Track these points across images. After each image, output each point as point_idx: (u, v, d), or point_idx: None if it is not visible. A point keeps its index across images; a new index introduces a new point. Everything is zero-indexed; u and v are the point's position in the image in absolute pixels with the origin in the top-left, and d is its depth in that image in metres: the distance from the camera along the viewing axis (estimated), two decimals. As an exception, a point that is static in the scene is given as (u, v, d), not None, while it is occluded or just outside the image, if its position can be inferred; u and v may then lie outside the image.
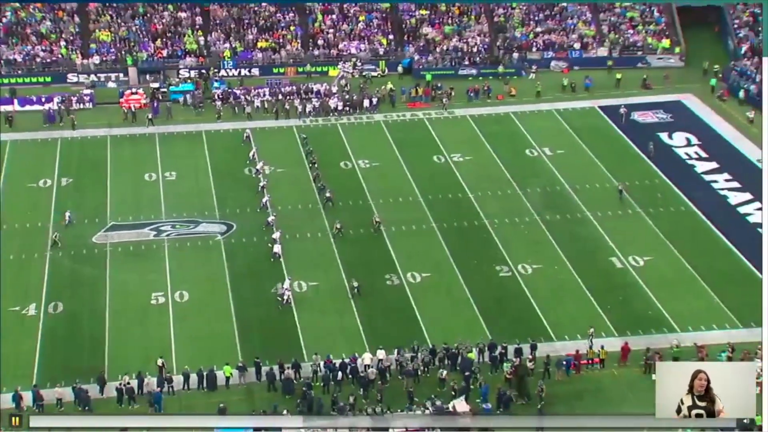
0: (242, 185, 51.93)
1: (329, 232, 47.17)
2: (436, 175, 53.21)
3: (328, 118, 60.19)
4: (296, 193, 51.08)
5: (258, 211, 48.75)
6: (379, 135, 58.19)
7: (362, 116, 60.53)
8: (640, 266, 44.64)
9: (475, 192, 51.12)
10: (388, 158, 55.08)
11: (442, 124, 59.56)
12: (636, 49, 68.20)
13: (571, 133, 58.28)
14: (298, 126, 58.96)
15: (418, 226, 47.97)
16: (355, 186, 51.80)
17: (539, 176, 53.10)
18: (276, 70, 66.48)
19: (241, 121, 59.33)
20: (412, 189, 51.55)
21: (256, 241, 46.54)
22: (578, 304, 42.20)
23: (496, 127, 59.23)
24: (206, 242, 46.60)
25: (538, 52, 68.06)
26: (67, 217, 47.24)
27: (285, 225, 47.53)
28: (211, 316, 41.49)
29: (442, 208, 49.62)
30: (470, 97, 62.81)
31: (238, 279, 43.81)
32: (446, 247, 46.20)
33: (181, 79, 64.53)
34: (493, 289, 43.28)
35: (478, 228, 47.84)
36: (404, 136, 57.89)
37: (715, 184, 51.69)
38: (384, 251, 45.84)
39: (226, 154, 55.35)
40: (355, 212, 48.86)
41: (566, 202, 50.35)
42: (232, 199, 50.40)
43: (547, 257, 45.43)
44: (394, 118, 60.43)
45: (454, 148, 56.17)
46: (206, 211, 49.26)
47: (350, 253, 45.74)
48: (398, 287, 43.21)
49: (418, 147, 56.43)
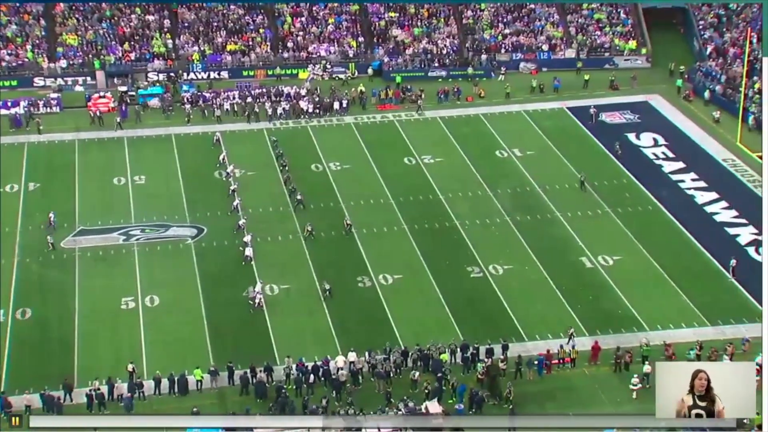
0: (212, 189, 51.71)
1: (300, 234, 47.09)
2: (407, 177, 53.27)
3: (299, 120, 60.05)
4: (267, 196, 50.95)
5: (229, 215, 48.57)
6: (349, 137, 58.20)
7: (333, 118, 60.49)
8: (609, 265, 44.96)
9: (446, 193, 51.25)
10: (359, 160, 55.09)
11: (413, 126, 59.68)
12: (603, 50, 68.79)
13: (540, 134, 58.59)
14: (268, 129, 58.80)
15: (389, 228, 48.03)
16: (327, 188, 51.75)
17: (509, 177, 53.31)
18: (245, 73, 66.27)
19: (211, 124, 59.09)
20: (383, 191, 51.56)
21: (227, 245, 46.34)
22: (549, 303, 42.41)
23: (466, 129, 59.42)
24: (176, 246, 46.34)
25: (506, 53, 68.39)
26: (51, 220, 46.89)
27: (256, 228, 47.41)
28: (182, 320, 41.25)
29: (413, 210, 49.70)
30: (440, 98, 62.94)
31: (209, 282, 43.61)
32: (417, 248, 46.27)
33: (149, 82, 64.18)
34: (464, 289, 43.40)
35: (449, 229, 47.95)
36: (375, 138, 57.93)
37: (682, 183, 52.16)
38: (355, 253, 45.84)
39: (196, 158, 55.08)
40: (326, 214, 48.82)
41: (536, 202, 50.61)
42: (202, 202, 50.16)
43: (518, 257, 45.63)
44: (365, 120, 60.45)
45: (425, 149, 56.27)
46: (176, 214, 48.99)
47: (322, 255, 45.69)
48: (370, 289, 43.20)
49: (389, 149, 56.49)
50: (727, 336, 39.76)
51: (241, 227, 46.94)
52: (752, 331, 39.84)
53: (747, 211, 48.73)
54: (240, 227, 47.00)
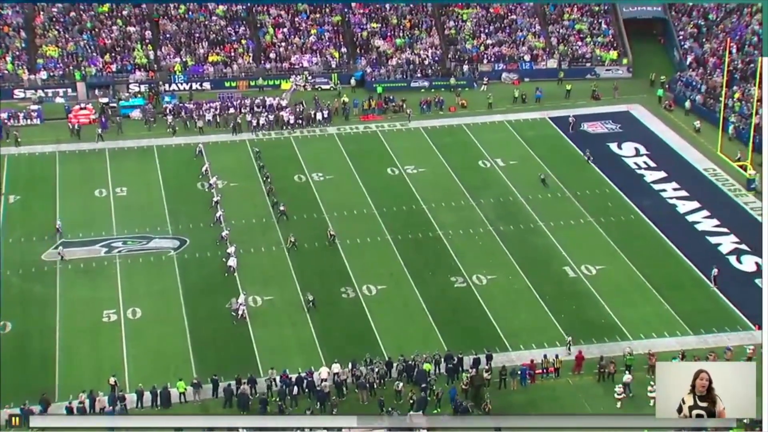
0: (195, 200, 51.65)
1: (283, 245, 47.06)
2: (390, 187, 53.40)
3: (281, 131, 60.15)
4: (249, 207, 50.91)
5: (212, 226, 48.50)
6: (332, 148, 58.29)
7: (315, 129, 60.57)
8: (592, 275, 45.16)
9: (429, 203, 51.39)
10: (342, 171, 55.17)
11: (396, 137, 59.84)
12: (585, 60, 69.31)
13: (522, 143, 58.87)
14: (250, 140, 58.82)
15: (372, 239, 48.09)
16: (310, 199, 51.77)
17: (492, 187, 53.52)
18: (228, 84, 66.33)
19: (193, 135, 59.07)
20: (366, 201, 51.65)
21: (209, 256, 46.25)
22: (533, 313, 42.54)
23: (448, 139, 59.63)
24: (159, 258, 46.22)
25: (489, 64, 68.72)
26: (58, 227, 47.31)
27: (238, 239, 47.38)
28: (165, 332, 41.13)
29: (397, 220, 49.81)
30: (423, 109, 63.18)
31: (192, 294, 43.49)
32: (401, 258, 46.34)
33: (131, 94, 64.04)
34: (448, 300, 43.47)
35: (433, 239, 48.06)
36: (358, 149, 58.05)
37: (664, 193, 52.47)
38: (339, 264, 45.85)
39: (178, 169, 55.02)
40: (309, 225, 48.80)
41: (519, 212, 50.82)
42: (184, 214, 50.10)
43: (502, 267, 45.77)
44: (348, 131, 60.56)
45: (408, 160, 56.42)
46: (158, 226, 48.90)
47: (305, 266, 45.68)
48: (354, 300, 43.23)
49: (372, 159, 56.63)
50: (709, 345, 39.99)
51: (224, 238, 46.88)
52: (734, 340, 40.20)
53: (728, 220, 49.10)
54: (223, 238, 46.93)
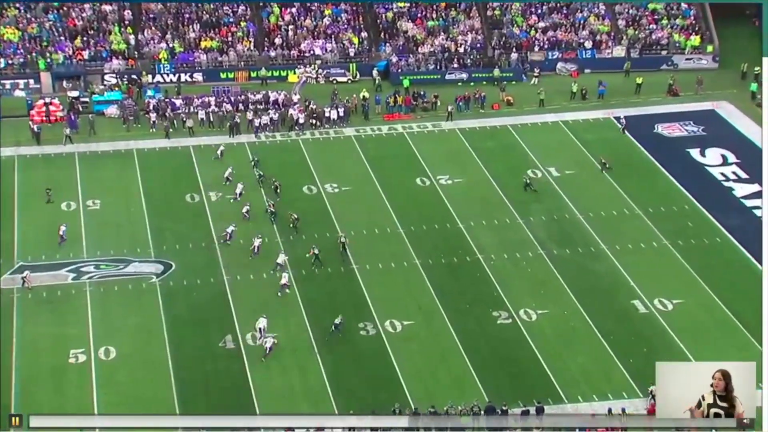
0: (183, 216, 52.02)
1: (288, 272, 47.19)
2: (420, 201, 53.55)
3: (288, 133, 60.44)
4: (249, 223, 51.16)
5: (221, 243, 49.16)
6: (350, 153, 58.56)
7: (329, 130, 60.82)
8: (668, 311, 44.97)
9: (467, 221, 51.45)
10: (362, 181, 55.42)
11: (427, 140, 59.97)
12: (660, 47, 69.18)
13: (582, 149, 58.82)
14: (251, 143, 59.25)
15: (398, 264, 48.18)
16: (321, 215, 51.99)
17: (544, 201, 53.46)
18: (224, 76, 66.83)
19: (182, 137, 59.50)
20: (390, 218, 51.84)
21: (200, 284, 46.53)
22: (593, 357, 42.38)
23: (490, 143, 59.75)
24: (138, 285, 46.51)
25: (541, 51, 68.83)
26: (62, 231, 48.89)
27: (234, 262, 47.87)
28: (144, 376, 41.16)
29: (427, 242, 49.92)
30: (460, 106, 63.22)
31: (178, 330, 43.66)
32: (432, 288, 46.40)
33: (106, 86, 64.58)
34: (489, 339, 43.42)
35: (471, 265, 48.10)
36: (381, 154, 58.29)
37: (757, 210, 51.94)
38: (357, 293, 45.94)
39: (164, 178, 55.47)
40: (321, 247, 48.74)
41: (577, 232, 50.75)
42: (170, 232, 50.43)
43: (555, 300, 45.70)
44: (368, 133, 60.80)
45: (441, 168, 56.57)
46: (138, 247, 49.23)
47: (315, 296, 45.81)
48: (374, 337, 43.23)
49: (398, 167, 56.89)
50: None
51: (280, 265, 47.23)
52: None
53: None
54: (279, 265, 47.37)
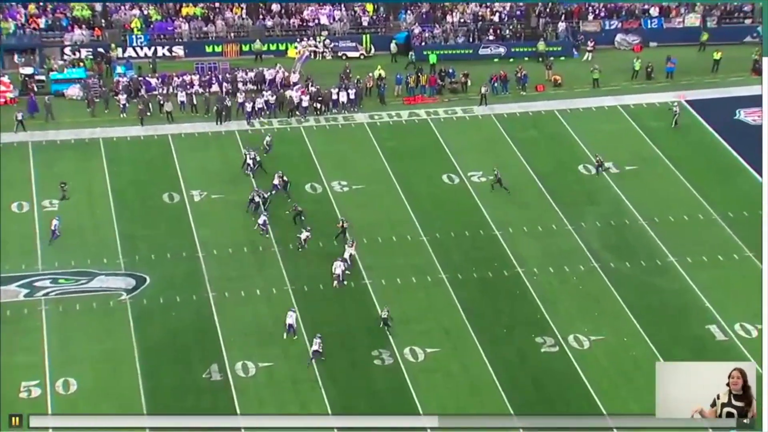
0: (159, 219, 52.08)
1: (288, 287, 47.19)
2: (447, 203, 53.57)
3: (287, 119, 60.58)
4: (239, 230, 51.26)
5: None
6: (362, 144, 58.68)
7: (337, 116, 61.06)
8: (752, 338, 44.53)
9: (505, 227, 51.32)
10: (376, 178, 55.46)
11: (456, 128, 60.07)
12: (742, 15, 68.98)
13: (645, 139, 58.71)
14: (242, 131, 59.38)
15: (420, 278, 48.00)
16: (328, 218, 51.83)
17: (599, 203, 53.38)
18: (209, 50, 67.15)
19: (159, 123, 59.75)
20: (411, 223, 51.75)
21: (180, 302, 46.35)
22: (660, 392, 42.13)
23: (534, 132, 59.71)
24: (105, 304, 46.32)
25: (596, 20, 68.87)
26: (54, 226, 49.90)
27: (219, 276, 47.81)
28: (113, 413, 40.58)
29: (456, 252, 49.81)
30: (495, 88, 63.29)
31: (154, 359, 43.35)
32: (462, 309, 46.10)
33: (66, 62, 64.80)
34: (531, 370, 43.06)
35: (509, 280, 47.87)
36: (399, 146, 58.38)
37: None
38: (370, 314, 45.67)
39: (136, 174, 55.50)
40: (327, 257, 48.80)
41: (640, 241, 50.51)
42: (144, 239, 50.40)
43: (612, 324, 45.34)
44: (385, 119, 60.97)
45: (473, 162, 56.53)
46: (105, 257, 49.17)
47: (319, 315, 45.57)
48: (391, 368, 43.00)
49: (421, 161, 56.90)
50: None
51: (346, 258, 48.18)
52: None
53: None
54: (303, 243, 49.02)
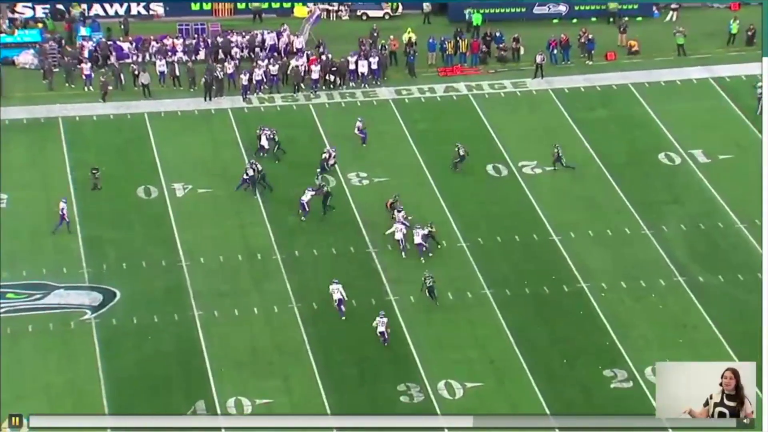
0: (133, 219, 52.51)
1: (294, 304, 47.32)
2: (493, 201, 53.85)
3: (293, 95, 61.09)
4: (229, 232, 51.70)
5: (177, 266, 48.93)
6: (386, 125, 59.10)
7: (355, 91, 61.51)
8: None
9: (565, 231, 51.53)
10: (404, 169, 55.78)
11: (504, 106, 60.55)
12: None
13: (744, 121, 58.68)
14: (236, 109, 59.94)
15: (458, 295, 48.03)
16: (344, 219, 52.22)
17: (684, 202, 53.43)
18: (196, 7, 67.75)
19: (133, 99, 60.46)
20: (447, 225, 51.91)
21: (158, 323, 46.42)
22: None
23: (602, 112, 59.90)
24: (64, 325, 46.44)
25: (680, -27, 68.84)
26: (62, 208, 51.20)
27: (207, 291, 48.06)
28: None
29: (503, 261, 50.04)
30: (554, 55, 63.75)
31: (124, 392, 43.31)
32: (510, 333, 46.10)
33: (18, 22, 65.23)
34: (597, 409, 42.68)
35: (570, 298, 47.95)
36: (433, 128, 58.77)
37: None
38: (396, 339, 45.69)
39: (105, 162, 55.73)
40: (339, 265, 49.14)
41: (736, 249, 50.44)
42: (113, 244, 50.74)
43: (701, 352, 44.97)
44: (415, 96, 61.41)
45: (525, 149, 56.82)
46: (64, 266, 49.43)
47: (332, 340, 45.68)
48: (421, 406, 42.76)
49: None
50: None
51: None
52: None
53: None
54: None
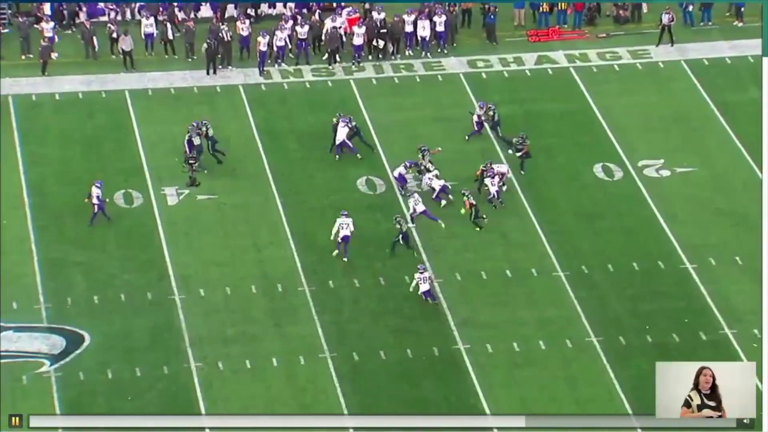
0: (108, 235, 53.04)
1: (326, 353, 47.79)
2: (603, 214, 54.31)
3: (329, 67, 61.97)
4: (238, 253, 52.14)
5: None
6: (456, 109, 59.60)
7: (413, 62, 62.37)
8: None
9: (703, 257, 51.91)
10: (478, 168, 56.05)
11: (617, 84, 61.26)
12: None
13: None
14: (250, 86, 60.81)
15: (554, 343, 48.31)
16: (389, 236, 52.63)
17: None
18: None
19: (109, 71, 61.39)
20: (538, 247, 52.43)
21: (141, 377, 46.67)
22: None
23: (755, 92, 58.99)
24: (14, 380, 46.64)
25: None
26: (96, 197, 53.71)
27: (208, 335, 48.40)
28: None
29: (618, 296, 50.31)
30: (689, 15, 64.44)
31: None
32: (625, 395, 46.30)
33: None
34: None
35: (708, 348, 48.06)
36: (521, 113, 59.31)
37: None
38: (464, 405, 46.22)
39: (70, 158, 56.66)
40: (391, 301, 49.78)
41: None
42: (81, 269, 51.31)
43: None
44: (495, 68, 62.23)
45: (649, 144, 57.36)
46: (15, 299, 49.96)
47: (376, 405, 45.97)
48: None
49: (557, 142, 57.84)
50: None
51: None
52: None
53: None
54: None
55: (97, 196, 52.40)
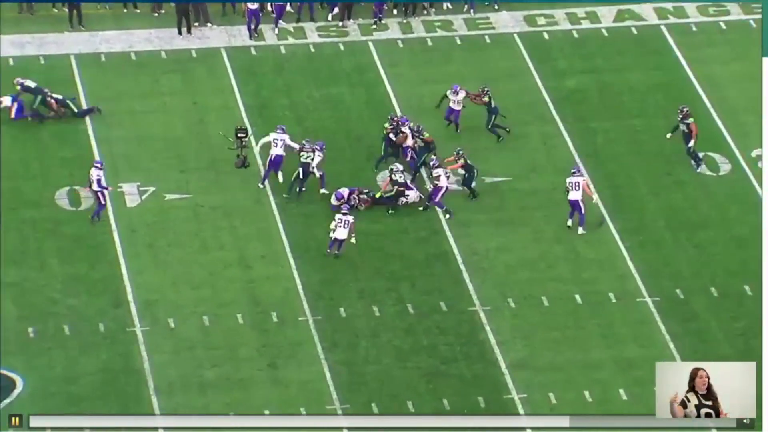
0: (49, 248, 53.13)
1: (336, 404, 47.47)
2: (705, 219, 54.54)
3: (339, 25, 62.33)
4: (220, 270, 52.04)
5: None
6: (509, 82, 60.00)
7: (452, 18, 62.63)
8: None
9: None
10: (543, 160, 56.61)
11: (723, 49, 61.87)
12: None
13: None
14: (237, 49, 61.05)
15: (640, 389, 48.22)
16: (429, 252, 53.00)
17: None
18: None
19: (51, 29, 61.53)
20: (618, 262, 52.69)
21: (89, 436, 47.09)
22: None
23: None
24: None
25: None
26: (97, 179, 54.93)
27: (178, 376, 48.07)
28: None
29: (723, 332, 50.54)
30: None
31: None
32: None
33: None
34: None
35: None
36: (596, 86, 59.88)
37: None
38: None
39: (22, 149, 56.85)
40: (421, 333, 49.85)
41: None
42: (12, 292, 51.20)
43: None
44: (562, 27, 62.65)
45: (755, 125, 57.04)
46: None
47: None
48: None
49: (643, 123, 58.25)
50: None
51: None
52: None
53: None
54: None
55: (98, 181, 52.62)
